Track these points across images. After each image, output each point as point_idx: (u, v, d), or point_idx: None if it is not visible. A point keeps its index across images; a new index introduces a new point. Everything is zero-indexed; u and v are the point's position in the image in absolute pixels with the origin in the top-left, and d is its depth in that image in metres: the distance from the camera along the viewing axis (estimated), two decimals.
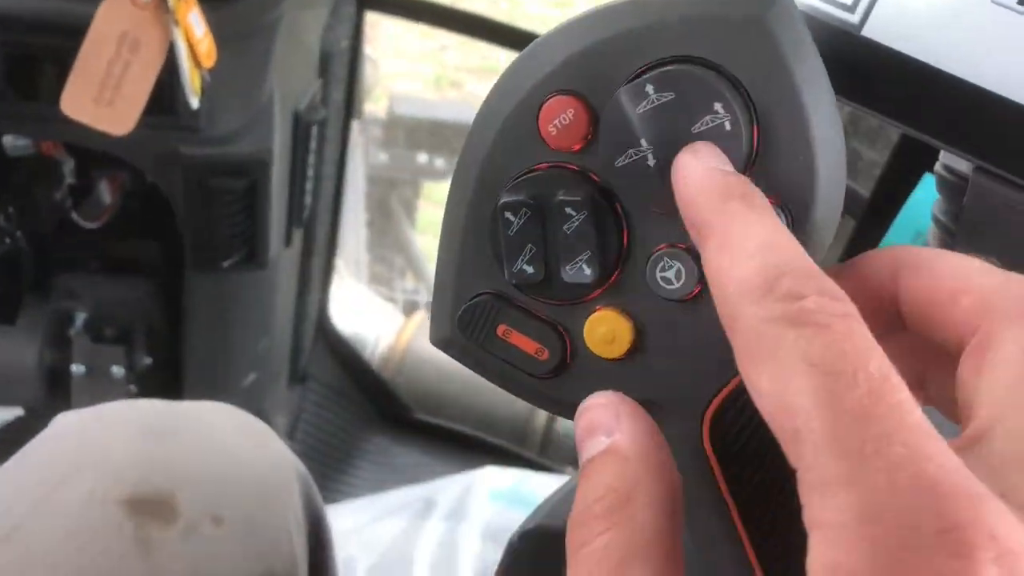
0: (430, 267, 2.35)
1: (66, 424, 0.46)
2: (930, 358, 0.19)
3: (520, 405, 1.42)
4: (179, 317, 1.05)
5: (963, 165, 0.38)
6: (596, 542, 0.20)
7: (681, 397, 0.28)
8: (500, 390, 0.31)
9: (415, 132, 2.61)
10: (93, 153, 0.94)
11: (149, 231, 1.07)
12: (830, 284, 0.20)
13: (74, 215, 1.00)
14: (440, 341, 0.31)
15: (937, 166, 0.41)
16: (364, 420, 1.39)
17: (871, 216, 0.88)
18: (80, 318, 1.05)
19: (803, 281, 0.20)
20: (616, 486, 0.21)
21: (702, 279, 0.27)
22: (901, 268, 0.25)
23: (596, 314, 0.28)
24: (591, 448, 0.22)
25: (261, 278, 1.02)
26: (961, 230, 0.39)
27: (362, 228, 2.49)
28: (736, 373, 0.27)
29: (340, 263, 1.54)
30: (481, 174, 0.28)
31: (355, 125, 1.40)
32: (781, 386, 0.19)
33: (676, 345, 0.28)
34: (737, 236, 0.21)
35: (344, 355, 1.40)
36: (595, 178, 0.27)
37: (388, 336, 1.52)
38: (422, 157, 2.65)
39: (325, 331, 1.37)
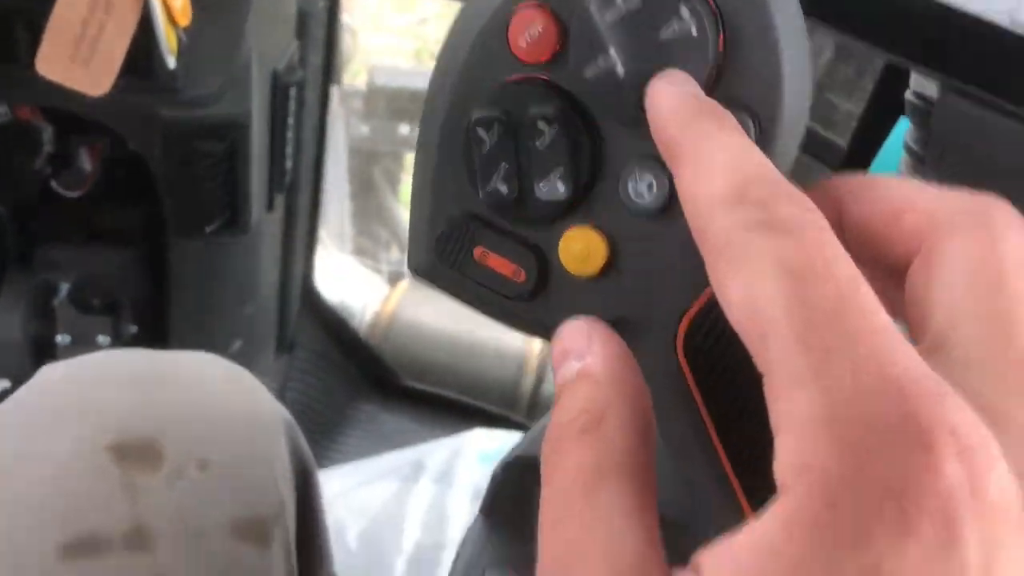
0: None
1: (51, 374, 0.46)
2: (876, 285, 0.19)
3: (507, 369, 1.43)
4: (164, 285, 1.05)
5: (932, 90, 0.38)
6: (569, 463, 0.21)
7: (656, 313, 0.28)
8: (486, 354, 0.32)
9: (396, 103, 2.59)
10: (72, 121, 0.94)
11: (131, 200, 1.06)
12: (800, 194, 0.21)
13: (54, 184, 0.99)
14: (419, 268, 0.31)
15: (907, 94, 0.42)
16: (352, 387, 1.40)
17: (848, 165, 0.89)
18: (64, 288, 1.05)
19: (773, 190, 0.20)
20: (588, 408, 0.21)
21: (674, 192, 0.27)
22: (842, 198, 0.25)
23: (571, 232, 0.28)
24: (564, 372, 0.23)
25: (244, 243, 1.02)
26: (930, 153, 0.39)
27: (346, 201, 2.48)
28: (707, 287, 0.28)
29: (324, 234, 1.54)
30: (453, 93, 0.29)
31: (335, 96, 1.39)
32: (751, 292, 0.19)
33: (650, 261, 0.28)
34: (707, 152, 0.22)
35: (331, 323, 1.40)
36: (567, 91, 0.27)
37: (374, 304, 1.52)
38: (404, 128, 2.63)
39: (311, 299, 1.37)
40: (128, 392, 0.44)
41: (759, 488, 0.28)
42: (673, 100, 0.24)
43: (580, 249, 0.28)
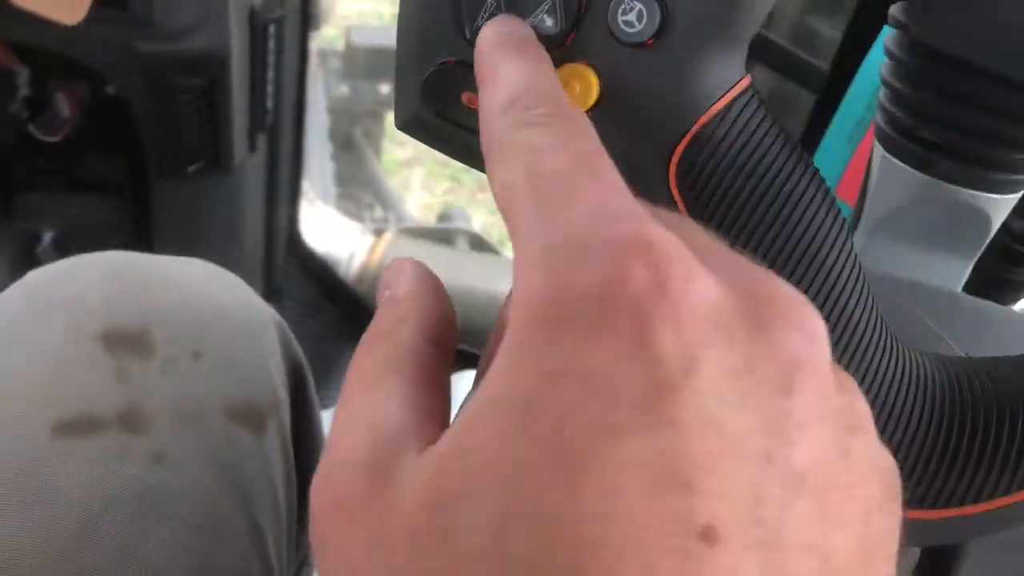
0: (396, 197, 2.34)
1: (39, 272, 0.46)
2: None
3: (495, 313, 1.43)
4: (147, 231, 1.04)
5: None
6: (359, 364, 0.23)
7: (648, 146, 0.29)
8: (475, 300, 0.32)
9: (375, 61, 2.57)
10: (49, 62, 0.93)
11: (112, 147, 1.05)
12: (564, 99, 0.23)
13: (32, 129, 0.98)
14: (406, 121, 0.31)
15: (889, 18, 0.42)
16: (340, 335, 1.40)
17: (830, 88, 0.89)
18: (47, 236, 1.04)
19: (540, 98, 0.23)
20: (384, 324, 0.24)
21: (664, 20, 0.27)
22: None
23: (561, 69, 0.28)
24: (379, 300, 0.25)
25: (227, 184, 1.02)
26: (915, 13, 0.39)
27: (328, 161, 2.47)
28: (698, 118, 0.28)
29: (307, 185, 1.53)
30: None
31: (314, 56, 1.38)
32: (506, 176, 0.21)
33: (641, 93, 0.28)
34: (499, 73, 0.25)
35: (318, 271, 1.40)
36: None
37: (361, 254, 1.51)
38: (384, 87, 2.61)
39: (297, 248, 1.37)
40: (116, 287, 0.44)
41: None
42: (484, 39, 0.26)
43: (571, 85, 0.28)
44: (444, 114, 0.30)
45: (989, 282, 0.73)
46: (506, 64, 0.25)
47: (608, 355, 0.17)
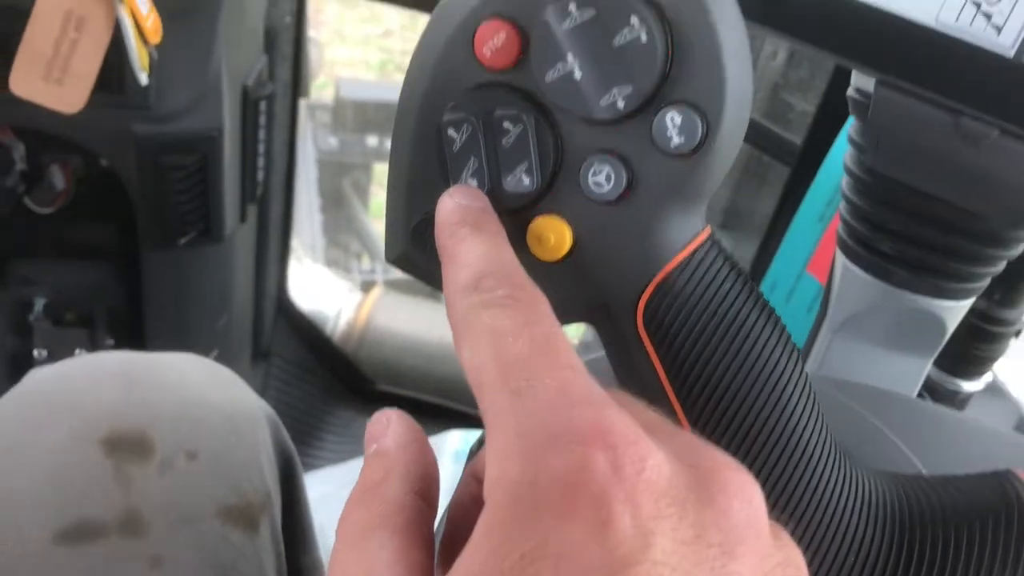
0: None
1: (40, 376, 0.48)
2: None
3: None
4: (139, 297, 1.06)
5: (870, 86, 0.41)
6: (349, 521, 0.24)
7: (617, 292, 0.31)
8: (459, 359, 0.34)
9: (363, 115, 2.61)
10: (43, 138, 0.95)
11: (105, 214, 1.07)
12: (525, 279, 0.26)
13: (27, 201, 1.00)
14: (395, 258, 0.34)
15: (849, 90, 0.45)
16: (328, 394, 1.41)
17: (804, 162, 0.92)
18: (40, 303, 1.06)
19: (502, 279, 0.25)
20: (371, 477, 0.26)
21: (630, 182, 0.30)
22: None
23: (537, 221, 0.31)
24: (366, 453, 0.27)
25: (218, 254, 1.04)
26: (868, 142, 0.42)
27: (316, 213, 2.49)
28: (662, 267, 0.30)
29: (296, 243, 1.55)
30: (424, 97, 0.31)
31: (303, 110, 1.41)
32: (473, 355, 0.24)
33: (609, 244, 0.31)
34: (460, 252, 0.27)
35: (305, 331, 1.41)
36: (529, 94, 0.30)
37: (348, 312, 1.53)
38: (372, 140, 2.65)
39: (285, 308, 1.39)
40: (117, 389, 0.46)
41: (711, 440, 0.31)
42: (444, 212, 0.29)
43: (546, 236, 0.31)
44: (432, 256, 0.32)
45: (957, 358, 0.75)
46: (467, 241, 0.27)
47: (576, 536, 0.19)
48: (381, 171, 2.67)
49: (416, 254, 0.33)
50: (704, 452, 0.22)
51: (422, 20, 0.32)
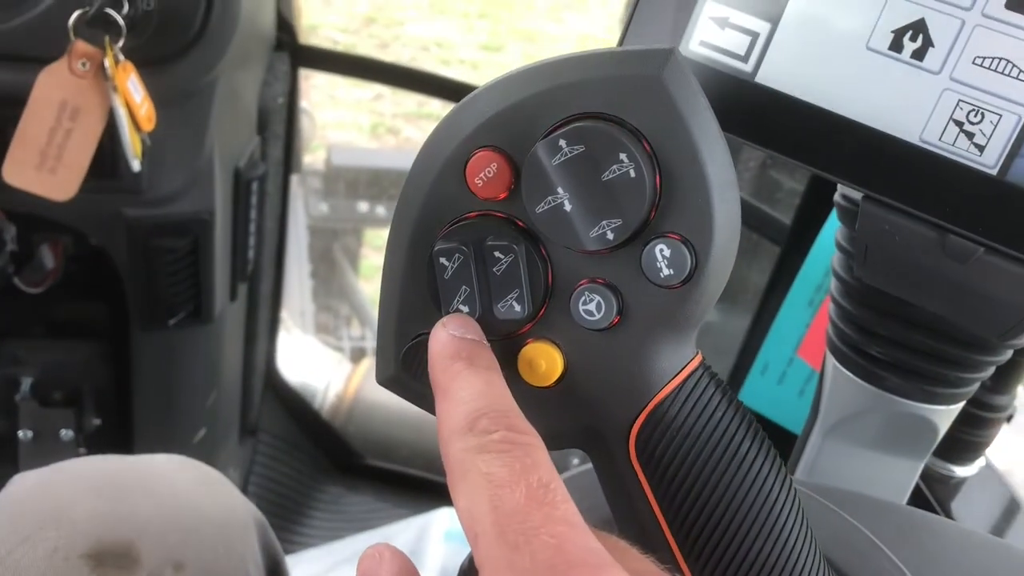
0: (375, 313, 2.35)
1: (23, 484, 0.47)
2: None
3: None
4: (127, 376, 1.05)
5: (857, 193, 0.42)
6: None
7: (608, 419, 0.31)
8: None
9: (354, 181, 2.62)
10: (34, 218, 0.95)
11: (93, 293, 1.07)
12: (520, 421, 0.25)
13: (16, 281, 1.00)
14: (386, 380, 0.34)
15: (836, 196, 0.45)
16: (316, 469, 1.40)
17: (793, 242, 0.93)
18: (26, 383, 1.05)
19: (497, 420, 0.25)
20: None
21: (620, 310, 0.30)
22: None
23: (528, 346, 0.31)
24: None
25: (207, 333, 1.03)
26: (856, 250, 0.42)
27: (306, 279, 2.49)
28: (653, 395, 0.30)
29: (285, 314, 1.55)
30: (416, 224, 0.31)
31: (294, 177, 1.42)
32: (468, 502, 0.23)
33: (601, 371, 0.31)
34: (455, 389, 0.27)
35: (294, 406, 1.40)
36: (520, 223, 0.30)
37: (337, 384, 1.52)
38: (363, 206, 2.66)
39: (274, 383, 1.38)
40: (103, 499, 0.45)
41: (705, 570, 0.31)
42: (437, 345, 0.29)
43: (538, 362, 0.31)
44: (421, 379, 0.32)
45: (949, 443, 0.75)
46: (461, 377, 0.27)
47: None
48: (372, 235, 2.68)
49: (406, 377, 0.33)
50: None
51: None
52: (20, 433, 1.04)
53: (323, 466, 1.40)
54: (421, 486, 1.40)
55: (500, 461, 0.24)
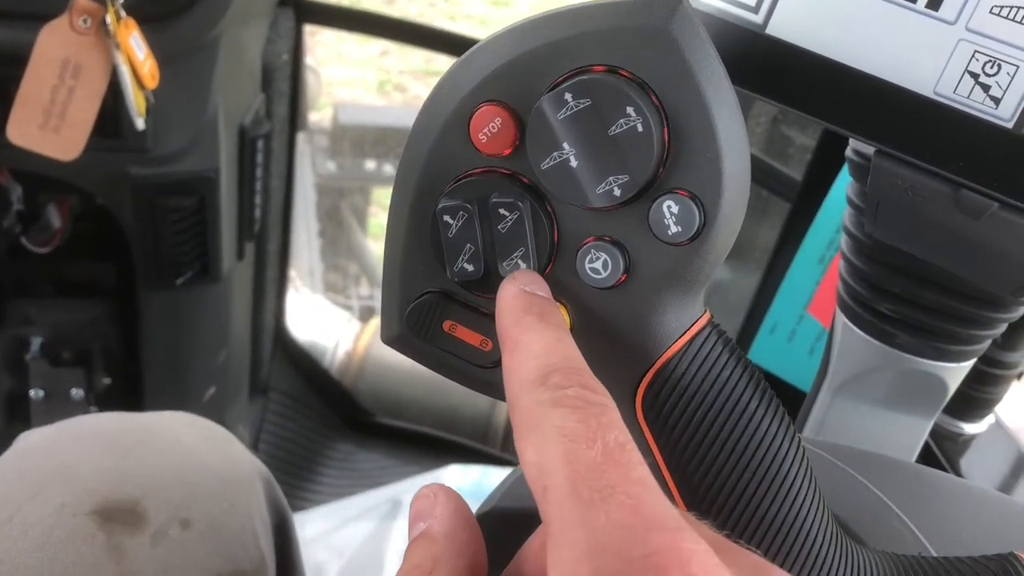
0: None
1: (31, 441, 0.47)
2: None
3: (480, 402, 1.44)
4: (136, 335, 1.05)
5: (869, 148, 0.41)
6: None
7: (614, 377, 0.31)
8: (459, 389, 0.34)
9: (361, 139, 2.61)
10: (41, 179, 0.95)
11: (101, 252, 1.07)
12: (593, 381, 0.25)
13: (23, 240, 1.00)
14: (391, 339, 0.33)
15: (848, 151, 0.44)
16: (327, 427, 1.41)
17: (804, 198, 0.92)
18: (36, 343, 1.06)
19: (570, 376, 0.24)
20: (421, 563, 0.25)
21: (627, 268, 0.29)
22: None
23: None
24: (412, 534, 0.27)
25: (215, 292, 1.03)
26: (868, 206, 0.42)
27: (314, 238, 2.49)
28: (660, 354, 0.30)
29: (294, 273, 1.55)
30: (420, 181, 0.31)
31: (301, 136, 1.41)
32: (538, 454, 0.23)
33: (607, 329, 0.30)
34: (525, 343, 0.26)
35: (303, 364, 1.41)
36: (525, 180, 0.29)
37: (346, 343, 1.53)
38: (370, 164, 2.65)
39: (283, 341, 1.38)
40: (109, 456, 0.45)
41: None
42: (508, 299, 0.28)
43: None
44: (427, 338, 0.32)
45: (959, 401, 0.75)
46: (533, 331, 0.26)
47: None
48: (379, 194, 2.67)
49: (411, 336, 0.32)
50: (767, 570, 0.22)
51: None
52: (32, 392, 1.04)
53: (333, 424, 1.41)
54: (431, 443, 1.41)
55: (576, 416, 0.23)
